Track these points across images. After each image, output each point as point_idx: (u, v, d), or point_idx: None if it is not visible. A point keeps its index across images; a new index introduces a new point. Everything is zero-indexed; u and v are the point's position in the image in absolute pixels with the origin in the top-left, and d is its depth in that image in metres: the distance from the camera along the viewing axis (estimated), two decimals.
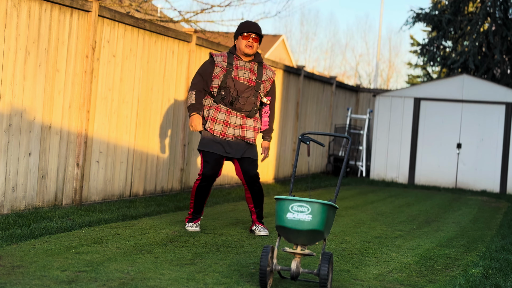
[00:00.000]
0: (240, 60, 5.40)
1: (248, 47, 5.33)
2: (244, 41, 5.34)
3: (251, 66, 5.42)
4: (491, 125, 12.01)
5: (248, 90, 5.34)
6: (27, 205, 5.63)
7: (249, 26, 5.36)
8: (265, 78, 5.45)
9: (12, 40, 5.33)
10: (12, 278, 3.52)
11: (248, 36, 5.34)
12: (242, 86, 5.33)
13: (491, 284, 4.20)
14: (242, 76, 5.36)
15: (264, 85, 5.45)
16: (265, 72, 5.48)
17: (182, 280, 3.76)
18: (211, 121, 5.35)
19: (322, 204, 3.61)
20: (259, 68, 5.44)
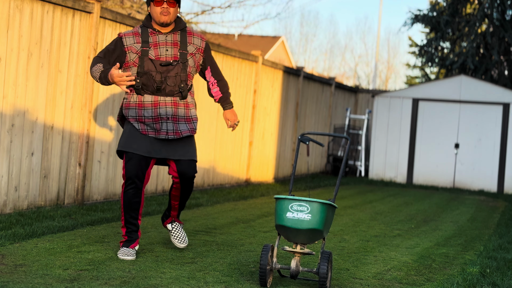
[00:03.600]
0: (159, 34, 4.32)
1: (164, 15, 4.26)
2: (157, 8, 4.26)
3: (173, 38, 4.34)
4: (489, 125, 12.06)
5: (175, 68, 4.31)
6: (30, 205, 5.67)
7: None
8: (192, 50, 4.38)
9: (15, 41, 5.37)
10: (14, 277, 3.55)
11: (161, 2, 4.26)
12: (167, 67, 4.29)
13: (489, 282, 4.24)
14: (164, 54, 4.29)
15: (194, 58, 4.39)
16: (192, 42, 4.40)
17: (183, 279, 3.79)
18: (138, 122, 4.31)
19: (322, 204, 3.65)
20: (183, 37, 4.37)
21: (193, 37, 4.42)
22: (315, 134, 4.04)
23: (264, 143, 10.22)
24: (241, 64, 9.28)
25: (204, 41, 4.46)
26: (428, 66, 17.09)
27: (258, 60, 9.74)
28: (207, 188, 8.58)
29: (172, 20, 4.31)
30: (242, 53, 9.22)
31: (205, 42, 4.47)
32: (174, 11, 4.29)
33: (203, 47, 4.44)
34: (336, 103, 13.76)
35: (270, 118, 10.38)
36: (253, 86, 9.71)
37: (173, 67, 4.30)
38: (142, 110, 4.28)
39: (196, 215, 6.42)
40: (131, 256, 4.22)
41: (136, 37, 4.30)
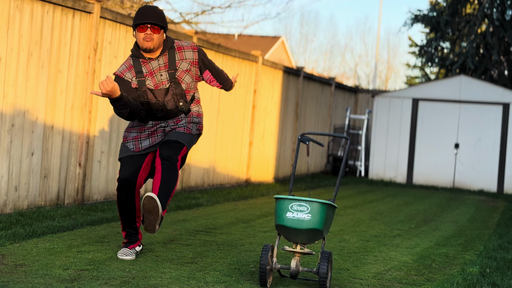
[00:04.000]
0: (151, 61, 4.20)
1: (147, 41, 4.11)
2: (141, 34, 4.13)
3: (164, 60, 4.22)
4: (489, 125, 12.07)
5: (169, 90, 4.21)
6: (30, 205, 5.68)
7: (144, 14, 4.12)
8: (186, 66, 4.26)
9: (15, 41, 5.37)
10: (15, 277, 3.55)
11: (145, 28, 4.12)
12: (161, 92, 4.21)
13: (489, 282, 4.24)
14: (160, 80, 4.21)
15: (191, 73, 4.27)
16: (184, 58, 4.27)
17: (183, 279, 3.79)
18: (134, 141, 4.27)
19: (321, 204, 3.66)
20: (171, 56, 4.24)
21: (184, 52, 4.28)
22: (315, 134, 4.04)
23: (264, 143, 10.22)
24: (241, 64, 9.28)
25: (196, 52, 4.30)
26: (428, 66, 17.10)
27: (258, 60, 9.74)
28: (207, 188, 8.58)
29: (156, 46, 4.15)
30: (242, 53, 9.22)
31: (197, 52, 4.30)
32: (159, 37, 4.14)
33: (196, 58, 4.30)
34: (336, 103, 13.77)
35: (270, 118, 10.38)
36: (253, 86, 9.71)
37: (167, 91, 4.20)
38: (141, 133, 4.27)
39: (196, 215, 6.42)
40: (131, 256, 4.21)
41: (131, 71, 4.20)
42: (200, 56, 4.32)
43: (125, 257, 4.20)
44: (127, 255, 4.21)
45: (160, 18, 4.13)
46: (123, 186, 4.16)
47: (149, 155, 4.28)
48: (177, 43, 4.31)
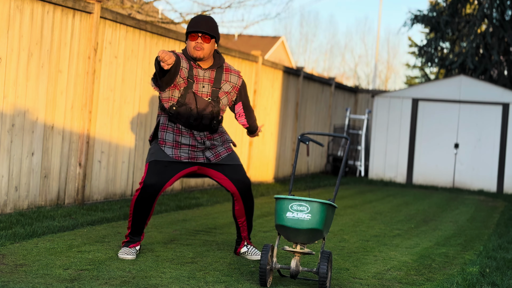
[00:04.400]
0: (199, 69, 4.27)
1: (197, 50, 4.19)
2: (192, 42, 4.20)
3: (210, 75, 4.30)
4: (488, 125, 12.08)
5: (209, 105, 4.29)
6: (30, 205, 5.68)
7: (197, 23, 4.19)
8: (228, 89, 4.36)
9: (15, 42, 5.38)
10: (15, 277, 3.55)
11: (196, 36, 4.19)
12: (203, 103, 4.26)
13: (488, 282, 4.25)
14: (201, 91, 4.27)
15: (229, 96, 4.38)
16: (228, 80, 4.36)
17: (183, 279, 3.80)
18: (174, 148, 4.29)
19: (321, 204, 3.66)
20: (218, 75, 4.32)
21: (230, 75, 4.37)
22: (315, 134, 4.05)
23: (264, 143, 10.23)
24: (241, 64, 9.29)
25: (241, 79, 4.42)
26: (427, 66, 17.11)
27: (258, 60, 9.75)
28: (207, 188, 8.59)
29: (206, 56, 4.22)
30: (242, 53, 9.23)
31: (242, 80, 4.42)
32: (209, 46, 4.21)
33: (239, 85, 4.40)
34: (336, 103, 13.78)
35: (270, 118, 10.39)
36: (253, 86, 9.72)
37: (208, 104, 4.27)
38: (179, 136, 4.29)
39: (196, 215, 6.43)
40: (131, 255, 4.22)
41: (186, 64, 4.22)
42: (242, 84, 4.44)
43: (126, 257, 4.21)
44: (128, 254, 4.22)
45: (212, 28, 4.20)
46: (146, 191, 4.18)
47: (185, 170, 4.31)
48: (226, 64, 4.41)
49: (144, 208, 4.22)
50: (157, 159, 4.24)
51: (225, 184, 4.38)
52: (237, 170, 4.38)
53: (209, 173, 4.39)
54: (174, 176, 4.27)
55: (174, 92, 4.23)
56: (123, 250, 4.26)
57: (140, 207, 4.22)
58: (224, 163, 4.37)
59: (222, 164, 4.37)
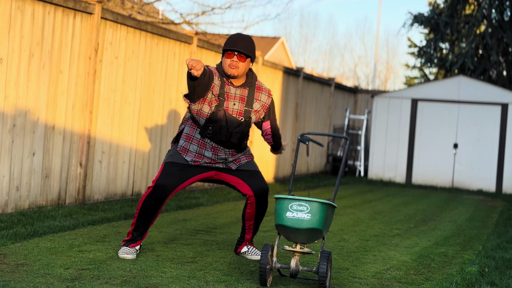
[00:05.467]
0: (231, 87, 4.26)
1: (232, 68, 4.19)
2: (227, 60, 4.20)
3: (242, 93, 4.30)
4: (487, 125, 12.10)
5: (240, 124, 4.30)
6: (31, 204, 5.70)
7: (234, 41, 4.19)
8: (258, 107, 4.36)
9: (17, 42, 5.40)
10: (16, 276, 3.57)
11: (232, 54, 4.19)
12: (234, 121, 4.27)
13: (487, 282, 4.26)
14: (231, 108, 4.26)
15: (257, 115, 4.39)
16: (259, 98, 4.37)
17: (183, 278, 3.81)
18: (195, 158, 4.30)
19: (321, 203, 3.68)
20: (251, 93, 4.32)
21: (261, 93, 4.38)
22: (314, 134, 4.07)
23: (264, 143, 10.25)
24: None
25: (270, 98, 4.42)
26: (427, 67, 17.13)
27: (258, 60, 9.78)
28: (208, 188, 8.61)
29: (240, 74, 4.22)
30: None
31: (271, 99, 4.42)
32: (244, 65, 4.21)
33: (268, 103, 4.41)
34: (335, 103, 13.80)
35: None
36: None
37: (240, 124, 4.28)
38: (203, 149, 4.29)
39: (197, 214, 6.45)
40: (131, 255, 4.23)
41: (219, 81, 4.21)
42: (271, 104, 4.44)
43: (126, 256, 4.22)
44: (128, 254, 4.24)
45: (248, 48, 4.20)
46: (157, 191, 4.19)
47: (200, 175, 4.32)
48: (258, 82, 4.41)
49: (152, 208, 4.22)
50: (173, 161, 4.26)
51: (242, 188, 4.36)
52: (256, 175, 4.39)
53: (226, 178, 4.39)
54: (189, 179, 4.28)
55: (204, 106, 4.21)
56: (123, 250, 4.26)
57: (148, 206, 4.21)
58: (242, 168, 4.39)
59: (240, 170, 4.38)
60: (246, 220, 4.47)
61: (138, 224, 4.28)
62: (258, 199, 4.38)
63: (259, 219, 4.49)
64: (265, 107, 4.40)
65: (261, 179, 4.41)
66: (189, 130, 4.31)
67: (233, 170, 4.37)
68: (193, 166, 4.28)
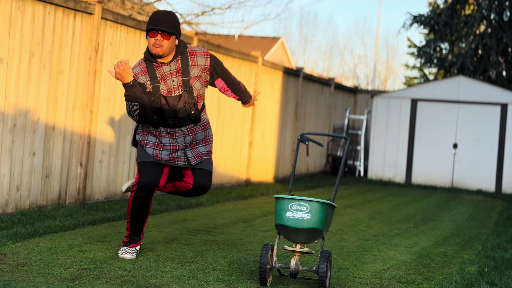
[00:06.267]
0: (163, 66, 4.14)
1: (156, 47, 4.06)
2: (151, 39, 4.08)
3: (176, 66, 4.16)
4: (487, 125, 12.11)
5: (181, 98, 4.17)
6: (31, 204, 5.71)
7: (156, 20, 4.05)
8: (197, 73, 4.20)
9: (17, 42, 5.41)
10: (16, 276, 3.58)
11: (156, 33, 4.06)
12: (174, 99, 4.16)
13: (487, 281, 4.27)
14: (171, 85, 4.15)
15: (201, 80, 4.22)
16: (195, 63, 4.20)
17: (184, 278, 3.82)
18: (155, 149, 4.26)
19: (321, 203, 3.69)
20: (184, 62, 4.17)
21: (196, 57, 4.21)
22: (314, 134, 4.07)
23: (264, 143, 10.26)
24: (241, 64, 9.32)
25: (208, 58, 4.23)
26: (426, 67, 17.14)
27: (258, 60, 9.78)
28: None
29: (166, 52, 4.08)
30: (242, 53, 9.26)
31: (209, 58, 4.24)
32: (169, 43, 4.07)
33: (208, 64, 4.23)
34: (335, 103, 13.81)
35: (270, 118, 10.42)
36: (253, 86, 9.75)
37: (180, 97, 4.15)
38: (159, 138, 4.25)
39: (197, 214, 6.46)
40: (131, 255, 4.24)
41: (145, 75, 4.14)
42: (212, 62, 4.25)
43: (126, 256, 4.23)
44: (128, 254, 4.24)
45: (171, 25, 4.06)
46: (142, 190, 4.20)
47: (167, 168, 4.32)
48: (190, 48, 4.25)
49: (141, 208, 4.24)
50: (144, 160, 4.26)
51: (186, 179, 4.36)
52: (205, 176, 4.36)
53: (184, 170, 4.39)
54: (163, 172, 4.28)
55: None
56: (123, 250, 4.27)
57: (137, 207, 4.23)
58: (199, 166, 4.36)
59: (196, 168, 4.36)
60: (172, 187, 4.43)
61: (132, 227, 4.30)
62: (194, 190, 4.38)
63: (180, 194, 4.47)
64: (206, 68, 4.22)
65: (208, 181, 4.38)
66: (142, 125, 4.28)
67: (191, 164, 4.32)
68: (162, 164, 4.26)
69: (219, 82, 4.33)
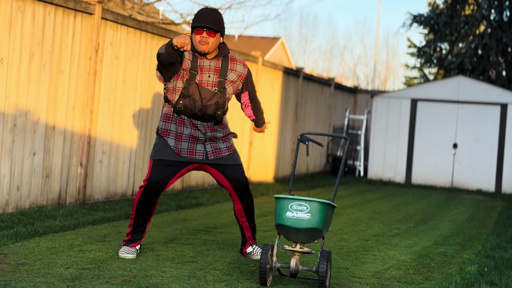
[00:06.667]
0: (204, 59, 4.25)
1: (202, 44, 4.18)
2: (197, 37, 4.18)
3: (216, 65, 4.28)
4: (487, 125, 12.11)
5: (214, 96, 4.28)
6: (32, 204, 5.72)
7: (202, 17, 4.16)
8: (234, 78, 4.34)
9: (17, 42, 5.42)
10: (17, 276, 3.58)
11: (201, 31, 4.17)
12: (208, 93, 4.25)
13: (487, 281, 4.27)
14: (206, 80, 4.26)
15: (234, 86, 4.36)
16: (233, 69, 4.34)
17: (184, 278, 3.82)
18: (176, 139, 4.30)
19: (321, 203, 3.69)
20: (224, 64, 4.31)
21: (236, 64, 4.36)
22: (314, 134, 4.08)
23: (264, 143, 10.26)
24: None
25: (246, 68, 4.40)
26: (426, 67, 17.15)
27: (258, 60, 9.79)
28: (208, 188, 8.62)
29: (211, 50, 4.21)
30: (243, 54, 9.26)
31: (247, 69, 4.41)
32: (214, 40, 4.19)
33: (245, 74, 4.39)
34: (335, 103, 13.82)
35: (270, 118, 10.42)
36: None
37: (214, 95, 4.26)
38: (182, 127, 4.28)
39: (197, 214, 6.46)
40: (132, 254, 4.25)
41: (190, 55, 4.22)
42: (248, 74, 4.42)
43: (126, 256, 4.23)
44: (128, 253, 4.25)
45: (217, 23, 4.17)
46: (150, 189, 4.24)
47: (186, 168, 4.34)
48: (231, 54, 4.39)
49: (147, 205, 4.27)
50: (160, 157, 4.27)
51: (224, 184, 4.43)
52: (236, 170, 4.41)
53: (209, 170, 4.43)
54: (178, 173, 4.31)
55: (178, 82, 4.23)
56: (123, 249, 4.28)
57: (143, 204, 4.26)
58: (225, 163, 4.39)
59: (222, 164, 4.39)
60: (239, 218, 4.52)
61: (136, 225, 4.31)
62: (239, 194, 4.43)
63: (250, 214, 4.52)
64: (242, 77, 4.37)
65: (241, 172, 4.42)
66: (166, 110, 4.32)
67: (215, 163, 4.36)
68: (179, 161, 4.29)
69: (245, 96, 4.47)
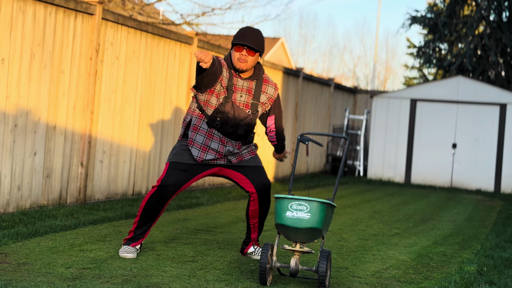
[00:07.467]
0: (239, 79, 4.28)
1: (241, 62, 4.21)
2: (236, 53, 4.22)
3: (249, 85, 4.31)
4: (486, 125, 12.13)
5: (247, 117, 4.31)
6: (32, 204, 5.73)
7: (244, 35, 4.20)
8: (264, 100, 4.38)
9: (18, 43, 5.43)
10: (17, 275, 3.59)
11: (241, 48, 4.20)
12: (242, 113, 4.28)
13: (486, 281, 4.28)
14: (238, 100, 4.28)
15: (263, 107, 4.40)
16: (265, 91, 4.38)
17: (184, 277, 3.83)
18: (201, 150, 4.27)
19: (321, 203, 3.70)
20: (258, 86, 4.34)
21: (268, 86, 4.39)
22: (314, 134, 4.09)
23: (264, 143, 10.28)
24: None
25: (276, 91, 4.43)
26: (426, 67, 17.16)
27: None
28: (208, 188, 8.64)
29: (249, 68, 4.23)
30: None
31: (277, 93, 4.44)
32: (253, 59, 4.22)
33: (275, 97, 4.42)
34: (335, 103, 13.83)
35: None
36: None
37: (247, 116, 4.29)
38: (210, 140, 4.27)
39: (197, 214, 6.48)
40: (132, 254, 4.25)
41: (228, 73, 4.23)
42: (277, 98, 4.46)
43: (127, 255, 4.24)
44: (129, 253, 4.25)
45: (258, 42, 4.21)
46: (161, 191, 4.22)
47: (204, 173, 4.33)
48: (265, 75, 4.42)
49: (155, 206, 4.25)
50: (178, 161, 4.26)
51: (244, 185, 4.38)
52: (258, 171, 4.39)
53: (230, 174, 4.40)
54: (194, 178, 4.30)
55: (212, 98, 4.23)
56: (124, 249, 4.28)
57: (152, 205, 4.24)
58: (246, 164, 4.39)
59: (243, 166, 4.39)
60: (251, 218, 4.48)
61: (140, 223, 4.30)
62: (261, 196, 4.39)
63: (263, 216, 4.49)
64: (272, 99, 4.41)
65: (263, 174, 4.41)
66: (196, 120, 4.29)
67: (235, 165, 4.36)
68: (196, 164, 4.28)
69: (271, 120, 4.50)
